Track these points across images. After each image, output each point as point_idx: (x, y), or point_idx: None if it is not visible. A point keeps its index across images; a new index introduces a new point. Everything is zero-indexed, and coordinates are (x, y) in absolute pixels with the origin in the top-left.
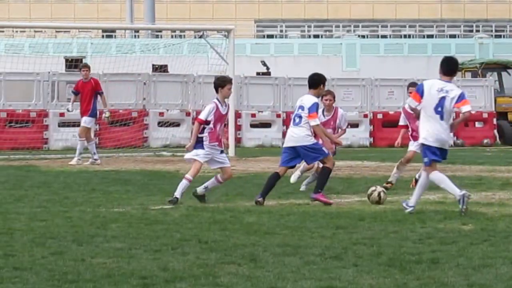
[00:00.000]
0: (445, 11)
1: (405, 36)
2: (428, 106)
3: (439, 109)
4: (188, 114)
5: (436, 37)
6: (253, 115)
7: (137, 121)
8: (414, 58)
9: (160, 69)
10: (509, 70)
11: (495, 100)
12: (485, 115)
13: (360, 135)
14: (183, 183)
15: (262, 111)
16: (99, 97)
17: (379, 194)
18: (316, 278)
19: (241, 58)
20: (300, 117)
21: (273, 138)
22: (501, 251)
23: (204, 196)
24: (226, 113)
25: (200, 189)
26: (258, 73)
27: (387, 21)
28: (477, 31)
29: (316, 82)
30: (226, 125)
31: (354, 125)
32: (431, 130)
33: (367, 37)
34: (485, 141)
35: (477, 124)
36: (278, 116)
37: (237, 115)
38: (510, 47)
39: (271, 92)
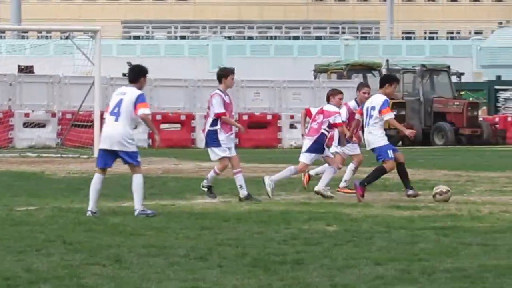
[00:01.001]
0: (311, 13)
1: (271, 38)
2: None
3: (115, 110)
4: (53, 115)
5: (302, 38)
6: None
7: (2, 122)
8: (281, 59)
9: (26, 69)
10: (374, 72)
11: None
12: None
13: None
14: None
15: None
16: None
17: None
18: (180, 279)
19: (108, 59)
20: (371, 117)
21: (140, 139)
22: (365, 252)
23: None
24: (230, 102)
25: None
26: (124, 74)
27: (253, 23)
28: (343, 32)
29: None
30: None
31: None
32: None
33: (234, 38)
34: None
35: None
36: None
37: (102, 116)
38: (376, 49)
39: None
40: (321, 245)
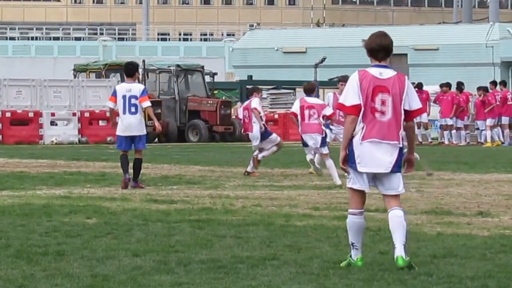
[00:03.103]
0: (70, 15)
1: (32, 38)
2: None
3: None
4: None
5: (62, 39)
6: None
7: None
8: (41, 59)
9: None
10: None
11: None
12: (108, 114)
13: None
14: None
15: None
16: None
17: None
18: None
19: None
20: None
21: None
22: (124, 244)
23: None
24: None
25: None
26: None
27: (15, 24)
28: (101, 33)
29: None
30: None
31: None
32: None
33: None
34: (109, 138)
35: (101, 123)
36: None
37: None
38: (132, 49)
39: None
40: (82, 237)
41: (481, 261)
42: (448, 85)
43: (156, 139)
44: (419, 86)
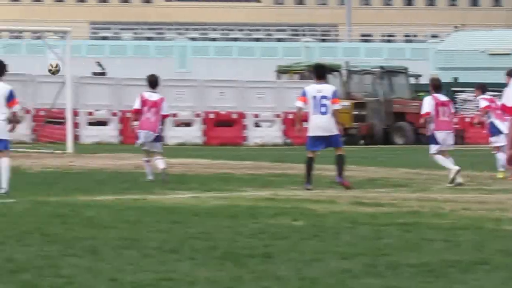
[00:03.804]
0: (272, 16)
1: (234, 39)
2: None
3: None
4: (27, 111)
5: (263, 40)
6: (90, 114)
7: None
8: (243, 60)
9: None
10: (334, 73)
11: None
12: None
13: (193, 134)
14: None
15: (98, 110)
16: None
17: None
18: (154, 270)
19: (77, 59)
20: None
21: (111, 135)
22: (331, 246)
23: None
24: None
25: None
26: (94, 73)
27: (216, 24)
28: (303, 35)
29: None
30: None
31: (187, 124)
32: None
33: (198, 40)
34: None
35: (305, 124)
36: (114, 114)
37: (75, 113)
38: (334, 51)
39: (107, 92)
40: (289, 239)
41: None
42: None
43: (362, 141)
44: None
